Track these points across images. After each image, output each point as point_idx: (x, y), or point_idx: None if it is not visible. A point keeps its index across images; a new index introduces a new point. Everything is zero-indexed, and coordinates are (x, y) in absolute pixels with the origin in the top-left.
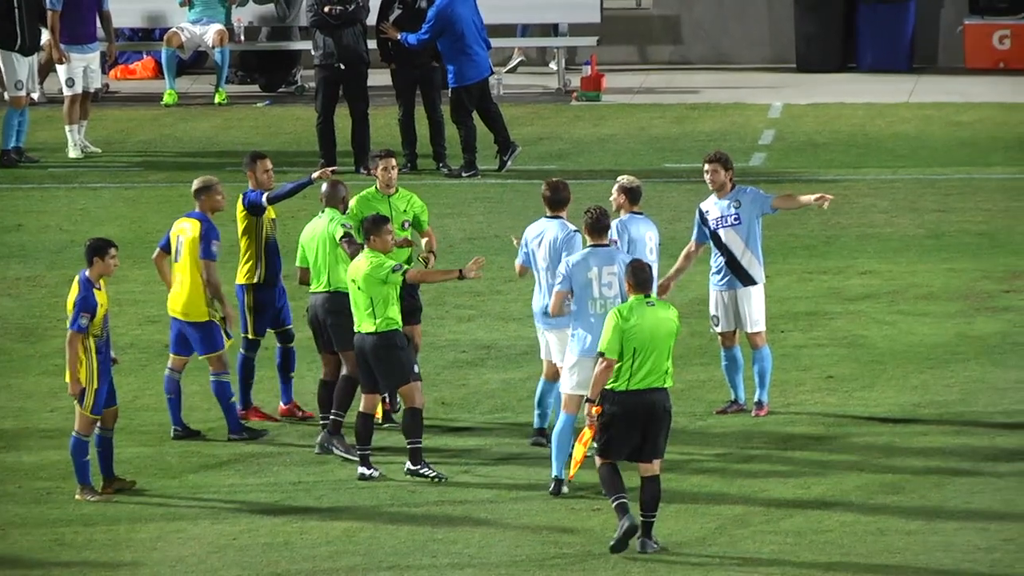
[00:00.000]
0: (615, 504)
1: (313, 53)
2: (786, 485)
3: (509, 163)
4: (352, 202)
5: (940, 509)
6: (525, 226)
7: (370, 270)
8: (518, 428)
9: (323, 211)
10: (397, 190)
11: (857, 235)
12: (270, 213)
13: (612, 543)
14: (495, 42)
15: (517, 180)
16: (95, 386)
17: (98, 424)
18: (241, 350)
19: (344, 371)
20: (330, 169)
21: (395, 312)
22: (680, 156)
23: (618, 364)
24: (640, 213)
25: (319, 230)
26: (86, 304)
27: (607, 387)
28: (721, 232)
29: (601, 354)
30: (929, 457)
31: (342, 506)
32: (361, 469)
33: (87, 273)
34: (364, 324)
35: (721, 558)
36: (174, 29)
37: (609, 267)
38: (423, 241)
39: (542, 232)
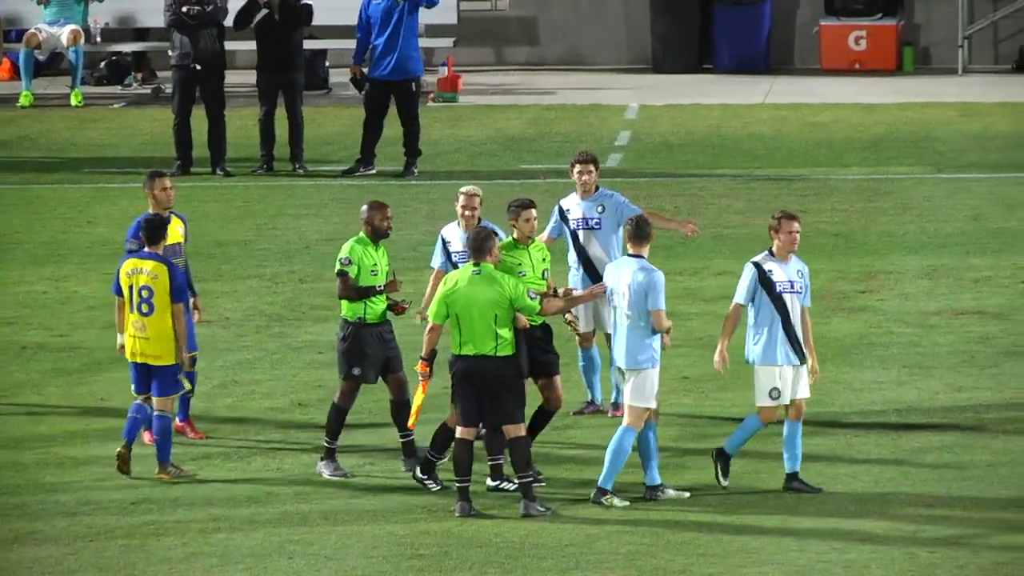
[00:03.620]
0: (458, 486)
1: (170, 54)
2: (643, 485)
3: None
4: None
5: (795, 509)
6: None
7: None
8: (375, 428)
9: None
10: (533, 240)
11: (713, 236)
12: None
13: (456, 512)
14: (350, 43)
15: (373, 181)
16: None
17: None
18: None
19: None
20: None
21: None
22: (537, 157)
23: (452, 331)
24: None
25: None
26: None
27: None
28: (580, 233)
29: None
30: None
31: (198, 507)
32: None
33: (156, 250)
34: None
35: (578, 558)
36: (32, 30)
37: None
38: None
39: (620, 271)
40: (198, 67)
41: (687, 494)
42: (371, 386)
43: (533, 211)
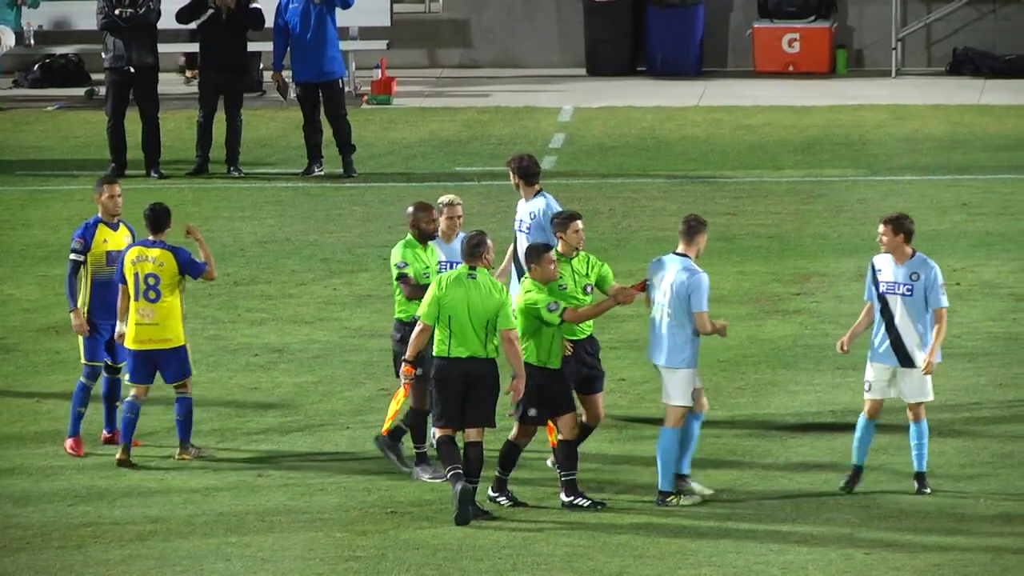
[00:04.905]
0: (449, 474)
1: (103, 56)
2: (580, 487)
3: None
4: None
5: (732, 512)
6: (317, 229)
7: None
8: (310, 431)
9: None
10: (578, 253)
11: (647, 238)
12: (104, 247)
13: (454, 514)
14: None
15: (308, 183)
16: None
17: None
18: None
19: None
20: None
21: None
22: (471, 160)
23: (438, 331)
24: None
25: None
26: None
27: (434, 354)
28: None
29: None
30: (721, 460)
31: (135, 509)
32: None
33: (161, 238)
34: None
35: (515, 560)
36: None
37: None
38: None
39: (664, 269)
40: (132, 69)
41: (709, 491)
42: (312, 389)
43: (580, 222)
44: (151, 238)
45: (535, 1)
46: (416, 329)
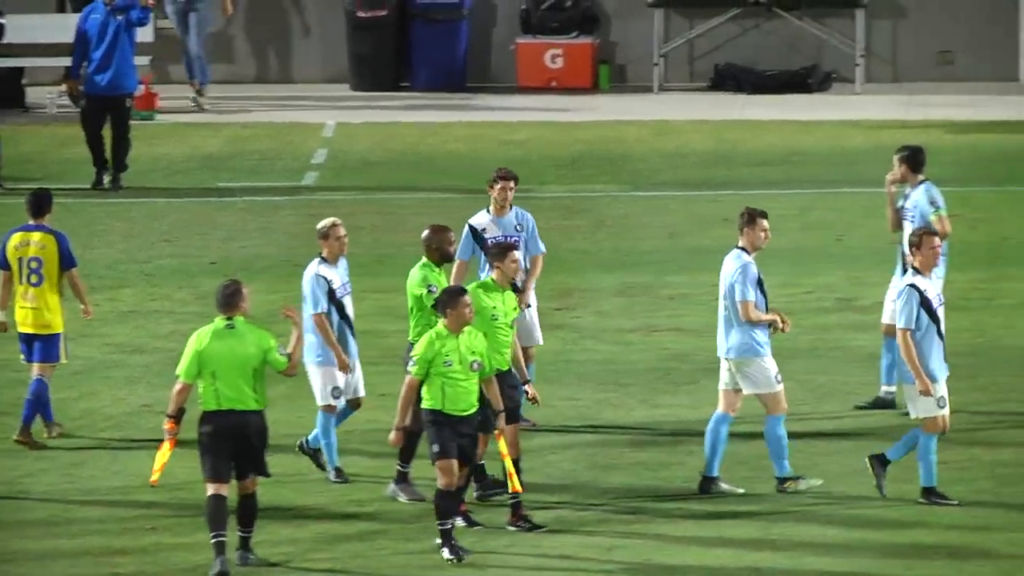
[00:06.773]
0: (213, 541)
1: None
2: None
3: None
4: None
5: (485, 532)
6: (78, 244)
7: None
8: (72, 447)
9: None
10: (511, 285)
11: (412, 254)
12: None
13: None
14: (47, 61)
15: (67, 199)
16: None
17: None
18: None
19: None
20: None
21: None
22: (234, 175)
23: (203, 385)
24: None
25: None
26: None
27: (203, 408)
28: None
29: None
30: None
31: None
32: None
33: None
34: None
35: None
36: None
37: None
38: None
39: (725, 262)
40: None
41: (740, 489)
42: (73, 405)
43: (518, 252)
44: (32, 222)
45: (299, 17)
46: (175, 387)
